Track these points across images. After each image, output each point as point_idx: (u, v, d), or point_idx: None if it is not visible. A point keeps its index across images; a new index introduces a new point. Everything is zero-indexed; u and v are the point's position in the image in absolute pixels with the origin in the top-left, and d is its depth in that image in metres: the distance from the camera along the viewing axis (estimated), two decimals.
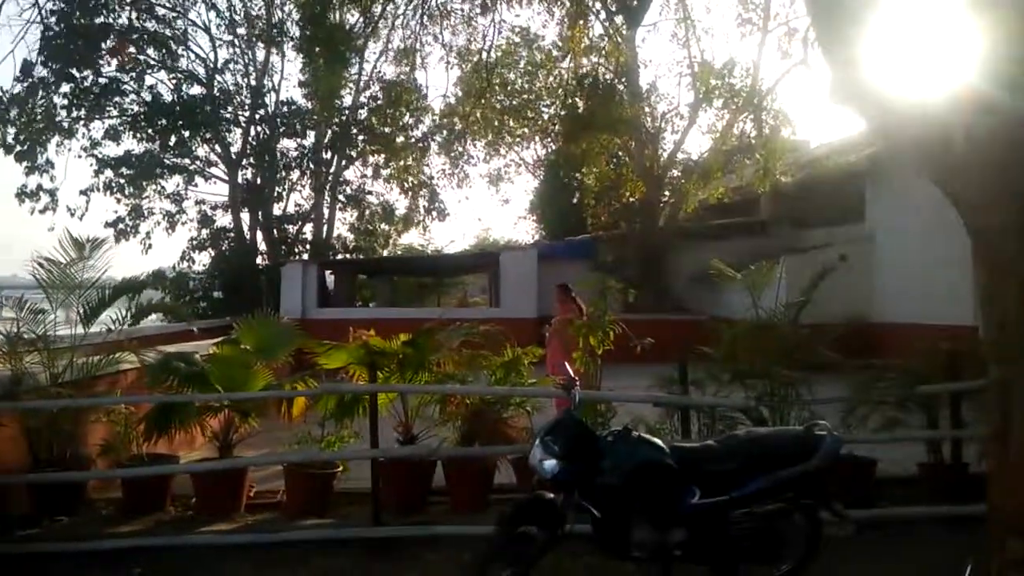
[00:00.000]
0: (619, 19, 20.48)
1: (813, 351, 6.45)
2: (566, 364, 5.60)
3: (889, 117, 3.23)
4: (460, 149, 26.28)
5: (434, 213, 27.47)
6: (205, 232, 24.09)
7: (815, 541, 4.44)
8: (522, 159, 29.28)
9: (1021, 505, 2.70)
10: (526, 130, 25.64)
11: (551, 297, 9.68)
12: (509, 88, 23.74)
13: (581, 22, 17.24)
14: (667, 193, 22.19)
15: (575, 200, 25.20)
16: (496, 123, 24.47)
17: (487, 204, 78.34)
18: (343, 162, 25.65)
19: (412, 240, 29.77)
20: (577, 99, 21.37)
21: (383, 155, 25.26)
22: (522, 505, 4.43)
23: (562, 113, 22.54)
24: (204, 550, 5.48)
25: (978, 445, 5.40)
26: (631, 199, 21.59)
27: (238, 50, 24.12)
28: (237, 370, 6.59)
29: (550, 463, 4.18)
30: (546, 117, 24.74)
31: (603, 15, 20.31)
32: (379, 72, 24.94)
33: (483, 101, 22.05)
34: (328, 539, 5.59)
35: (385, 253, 26.99)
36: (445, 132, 25.66)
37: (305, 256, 23.75)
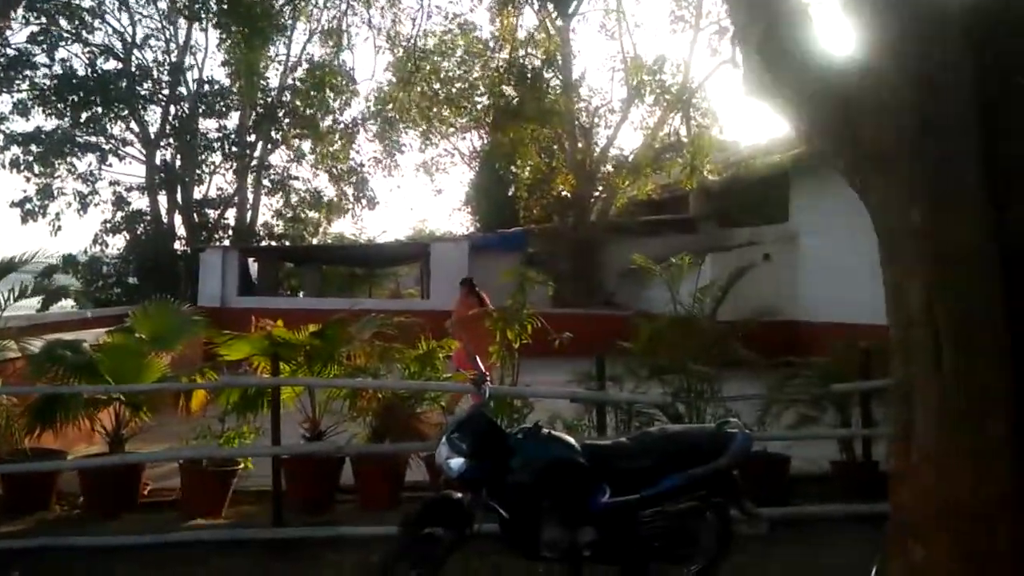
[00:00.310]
0: (550, 7, 20.39)
1: (730, 348, 6.44)
2: (477, 359, 5.44)
3: (799, 109, 3.15)
4: (391, 136, 25.81)
5: (364, 201, 26.98)
6: (120, 215, 23.14)
7: (726, 540, 4.38)
8: (457, 149, 28.99)
9: (924, 508, 2.64)
10: (460, 120, 25.36)
11: (481, 289, 9.46)
12: (442, 76, 23.40)
13: (511, 8, 17.09)
14: (600, 188, 22.26)
15: (511, 192, 25.08)
16: (429, 111, 24.11)
17: (421, 194, 77.39)
18: (268, 145, 24.92)
19: (343, 229, 29.20)
20: (507, 87, 21.19)
21: (309, 139, 24.62)
22: (428, 505, 4.29)
23: (491, 102, 22.34)
24: (91, 552, 5.14)
25: (887, 443, 5.44)
26: (563, 193, 21.58)
27: (159, 25, 23.21)
28: (129, 360, 6.19)
29: (457, 462, 4.04)
30: (480, 108, 24.52)
31: (535, 5, 20.21)
32: (308, 54, 24.33)
33: (411, 87, 21.66)
34: (226, 540, 5.31)
35: (314, 241, 26.34)
36: (377, 119, 25.15)
37: (227, 242, 22.97)
